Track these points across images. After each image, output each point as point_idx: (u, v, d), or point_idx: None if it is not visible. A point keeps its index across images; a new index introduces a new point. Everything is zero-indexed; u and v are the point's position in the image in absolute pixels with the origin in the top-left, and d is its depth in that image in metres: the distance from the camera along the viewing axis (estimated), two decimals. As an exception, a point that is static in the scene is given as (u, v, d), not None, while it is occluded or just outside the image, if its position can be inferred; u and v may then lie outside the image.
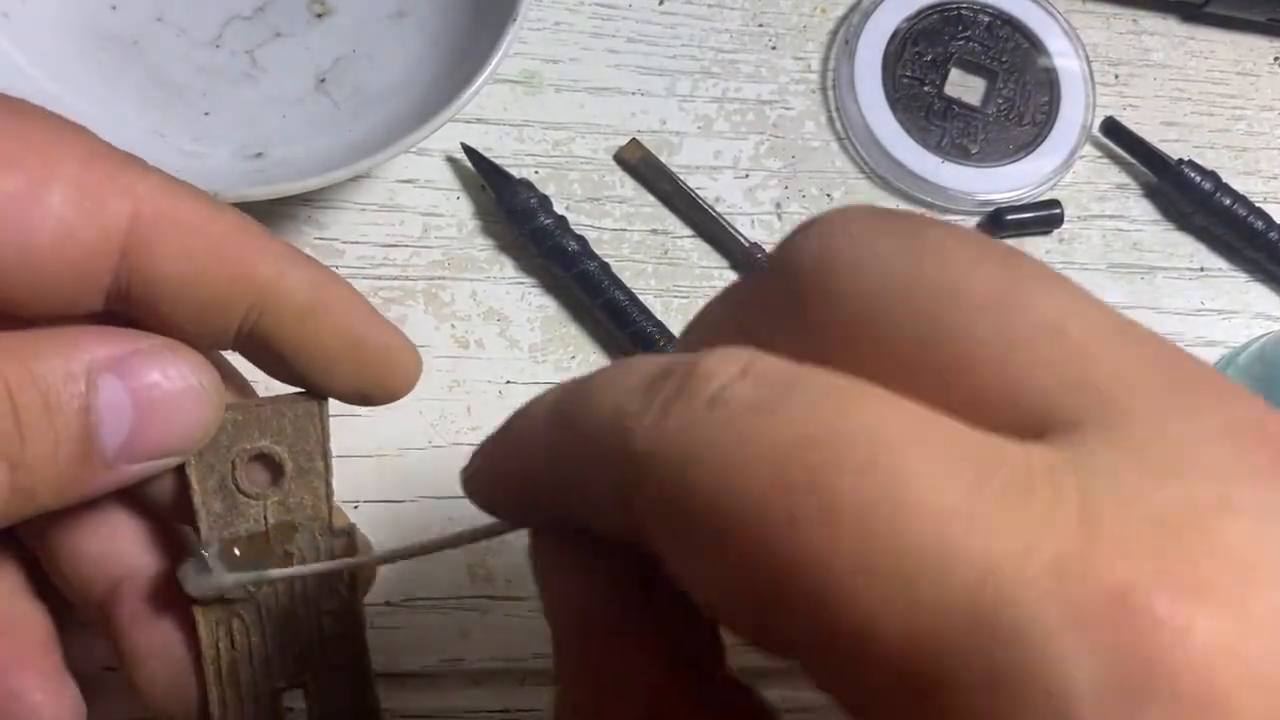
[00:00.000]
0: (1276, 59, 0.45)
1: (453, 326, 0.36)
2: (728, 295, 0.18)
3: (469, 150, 0.37)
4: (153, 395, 0.21)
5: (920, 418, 0.13)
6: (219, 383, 0.23)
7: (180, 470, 0.23)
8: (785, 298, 0.16)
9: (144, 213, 0.21)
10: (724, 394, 0.14)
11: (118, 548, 0.23)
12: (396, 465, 0.33)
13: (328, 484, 0.24)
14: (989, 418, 0.13)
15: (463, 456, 0.19)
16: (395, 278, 0.36)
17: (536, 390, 0.18)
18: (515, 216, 0.36)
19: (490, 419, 0.34)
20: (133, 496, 0.23)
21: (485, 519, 0.20)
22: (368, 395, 0.24)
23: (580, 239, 0.36)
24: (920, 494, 0.12)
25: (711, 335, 0.17)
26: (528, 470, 0.18)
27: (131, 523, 0.23)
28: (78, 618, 0.24)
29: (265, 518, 0.23)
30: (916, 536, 0.12)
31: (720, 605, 0.14)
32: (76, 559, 0.23)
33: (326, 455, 0.24)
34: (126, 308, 0.21)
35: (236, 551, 0.23)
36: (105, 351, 0.21)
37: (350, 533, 0.24)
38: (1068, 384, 0.13)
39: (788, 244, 0.16)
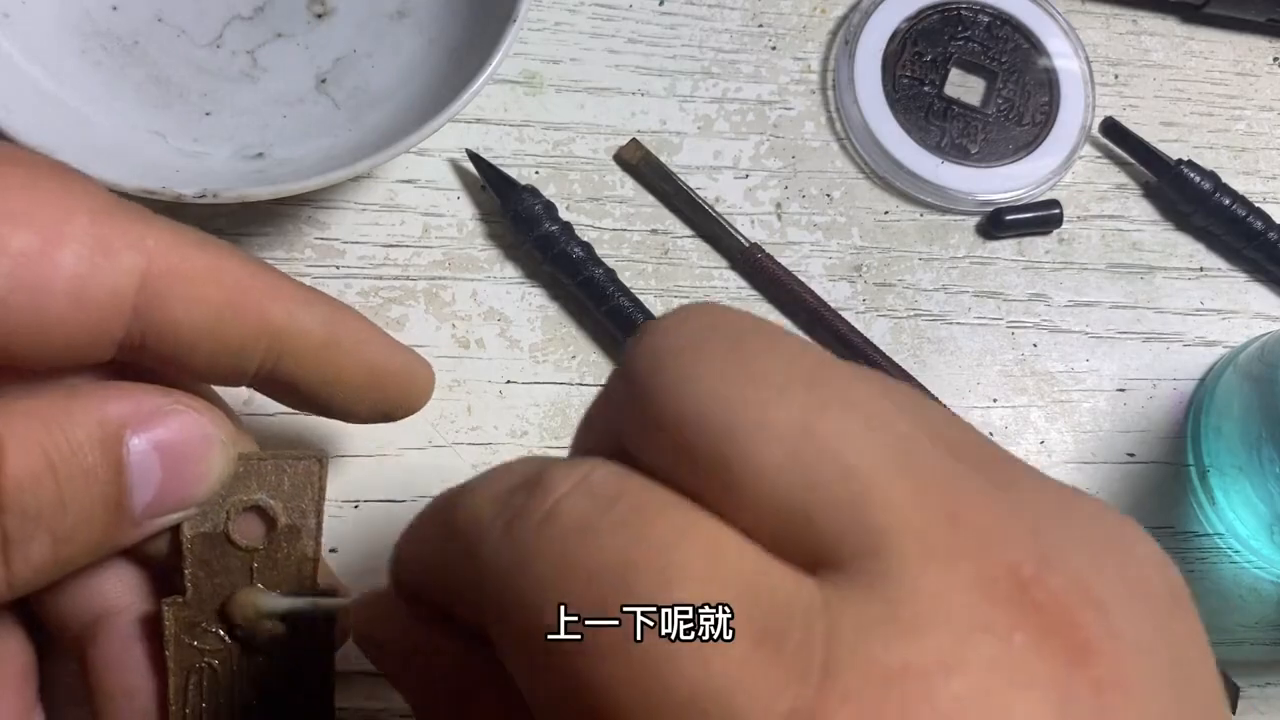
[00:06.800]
0: (1276, 59, 0.45)
1: (453, 326, 0.36)
2: (605, 392, 0.19)
3: (473, 156, 0.37)
4: (177, 451, 0.21)
5: (709, 553, 0.15)
6: (234, 433, 0.23)
7: None
8: (627, 401, 0.17)
9: (155, 265, 0.20)
10: (556, 510, 0.15)
11: (102, 586, 0.23)
12: (396, 465, 0.33)
13: (317, 543, 0.24)
14: (779, 542, 0.15)
15: (463, 456, 0.19)
16: (396, 278, 0.36)
17: (537, 389, 0.18)
18: (520, 223, 0.36)
19: (491, 418, 0.35)
20: None
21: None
22: (389, 414, 0.24)
23: (585, 245, 0.36)
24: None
25: (588, 435, 0.19)
26: (423, 559, 0.19)
27: (118, 562, 0.23)
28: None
29: (251, 569, 0.23)
30: (679, 681, 0.14)
31: (536, 708, 0.16)
32: (60, 592, 0.23)
33: (320, 514, 0.24)
34: (139, 357, 0.21)
35: (218, 600, 0.23)
36: (132, 410, 0.21)
37: (333, 593, 0.24)
38: (846, 525, 0.15)
39: (630, 350, 0.17)
